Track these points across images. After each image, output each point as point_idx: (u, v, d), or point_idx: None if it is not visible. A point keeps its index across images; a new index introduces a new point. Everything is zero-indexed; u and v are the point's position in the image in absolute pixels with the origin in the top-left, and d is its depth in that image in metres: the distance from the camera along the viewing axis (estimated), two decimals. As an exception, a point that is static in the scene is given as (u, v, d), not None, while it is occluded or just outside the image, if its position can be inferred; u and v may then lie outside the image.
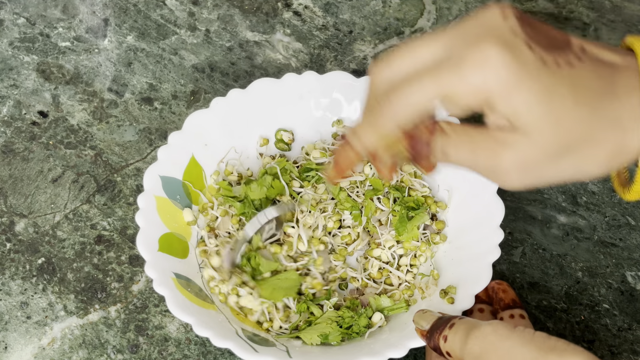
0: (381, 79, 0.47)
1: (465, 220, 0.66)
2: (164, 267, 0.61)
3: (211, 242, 0.66)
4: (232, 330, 0.59)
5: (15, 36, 0.80)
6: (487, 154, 0.45)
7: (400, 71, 0.46)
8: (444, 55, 0.44)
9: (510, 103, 0.43)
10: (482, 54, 0.43)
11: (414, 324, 0.56)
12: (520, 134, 0.44)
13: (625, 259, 0.69)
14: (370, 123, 0.47)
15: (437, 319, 0.55)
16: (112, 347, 0.64)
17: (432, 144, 0.46)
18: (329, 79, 0.71)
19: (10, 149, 0.74)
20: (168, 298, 0.58)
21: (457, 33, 0.45)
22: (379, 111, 0.46)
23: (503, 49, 0.42)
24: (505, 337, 0.50)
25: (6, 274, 0.67)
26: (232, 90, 0.69)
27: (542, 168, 0.45)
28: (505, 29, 0.44)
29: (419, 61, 0.45)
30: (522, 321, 0.60)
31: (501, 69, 0.42)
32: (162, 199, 0.65)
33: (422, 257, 0.66)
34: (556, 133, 0.43)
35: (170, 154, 0.66)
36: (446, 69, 0.44)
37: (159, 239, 0.63)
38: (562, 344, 0.48)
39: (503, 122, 0.44)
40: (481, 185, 0.65)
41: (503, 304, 0.61)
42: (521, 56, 0.43)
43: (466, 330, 0.52)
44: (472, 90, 0.43)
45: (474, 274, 0.61)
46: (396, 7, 0.84)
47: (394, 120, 0.45)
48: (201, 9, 0.83)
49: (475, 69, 0.43)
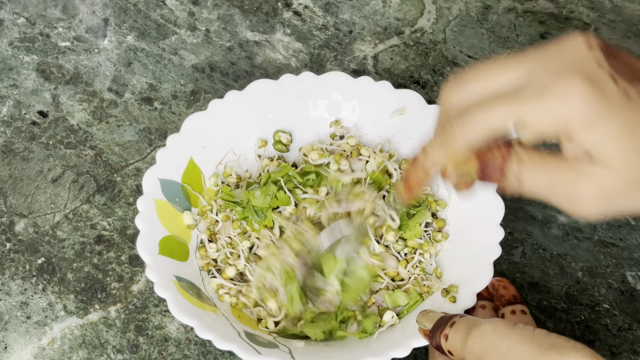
0: (455, 99, 0.47)
1: (466, 219, 0.66)
2: (165, 270, 0.61)
3: (212, 246, 0.65)
4: (234, 332, 0.59)
5: (15, 36, 0.80)
6: (565, 183, 0.45)
7: (476, 93, 0.46)
8: (525, 81, 0.45)
9: (591, 135, 0.43)
10: (568, 86, 0.43)
11: (417, 324, 0.56)
12: (600, 166, 0.44)
13: (625, 259, 0.69)
14: (441, 142, 0.47)
15: (439, 318, 0.55)
16: (112, 347, 0.64)
17: (505, 170, 0.46)
18: (326, 79, 0.71)
19: (10, 149, 0.74)
20: (170, 301, 0.58)
21: (539, 60, 0.45)
22: (451, 131, 0.46)
23: (588, 82, 0.43)
24: (505, 336, 0.50)
25: (6, 274, 0.67)
26: (229, 92, 0.69)
27: (621, 199, 0.45)
28: (591, 60, 0.44)
29: (496, 85, 0.46)
30: (524, 317, 0.60)
31: (586, 102, 0.43)
32: (161, 202, 0.65)
33: (426, 255, 0.66)
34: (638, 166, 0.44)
35: (169, 157, 0.66)
36: (528, 96, 0.44)
37: (159, 242, 0.63)
38: (562, 341, 0.48)
39: (581, 153, 0.44)
40: None
41: (504, 300, 0.61)
42: (606, 90, 0.43)
43: (466, 328, 0.52)
44: (552, 119, 0.43)
45: (475, 272, 0.61)
46: (396, 7, 0.84)
47: (465, 140, 0.45)
48: (201, 9, 0.83)
49: (559, 100, 0.43)
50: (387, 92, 0.70)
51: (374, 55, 0.81)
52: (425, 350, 0.62)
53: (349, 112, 0.71)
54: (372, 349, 0.59)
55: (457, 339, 0.52)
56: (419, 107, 0.69)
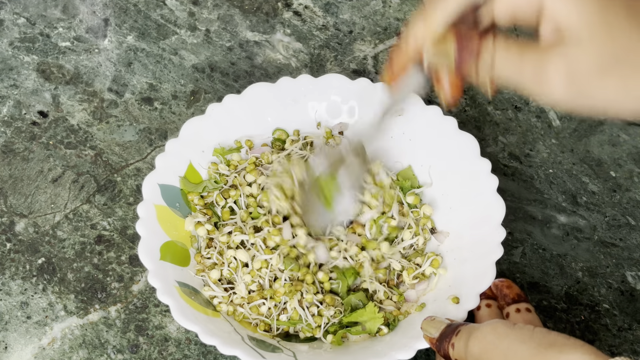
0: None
1: (467, 219, 0.66)
2: (167, 276, 0.61)
3: (210, 252, 0.65)
4: (238, 337, 0.59)
5: (16, 36, 0.81)
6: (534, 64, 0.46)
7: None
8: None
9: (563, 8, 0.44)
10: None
11: (422, 331, 0.56)
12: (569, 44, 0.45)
13: (625, 259, 0.69)
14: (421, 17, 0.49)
15: (445, 326, 0.55)
16: (112, 347, 0.64)
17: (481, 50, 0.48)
18: (324, 81, 0.71)
19: (10, 149, 0.74)
20: (173, 307, 0.58)
21: None
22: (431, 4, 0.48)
23: None
24: (504, 336, 0.50)
25: (6, 274, 0.67)
26: (227, 95, 0.70)
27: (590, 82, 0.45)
28: None
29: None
30: (529, 314, 0.60)
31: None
32: (161, 207, 0.65)
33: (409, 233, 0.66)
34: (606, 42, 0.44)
35: (168, 162, 0.66)
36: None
37: (160, 247, 0.62)
38: (562, 339, 0.48)
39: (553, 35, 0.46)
40: (481, 184, 0.65)
41: (508, 299, 0.61)
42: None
43: (468, 333, 0.52)
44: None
45: (477, 272, 0.61)
46: (396, 7, 0.84)
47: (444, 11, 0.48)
48: (201, 9, 0.83)
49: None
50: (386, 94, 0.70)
51: (374, 56, 0.81)
52: (425, 351, 0.62)
53: (347, 114, 0.71)
54: (374, 351, 0.59)
55: (462, 346, 0.52)
56: (418, 108, 0.69)
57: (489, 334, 0.50)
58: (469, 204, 0.66)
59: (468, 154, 0.67)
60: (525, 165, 0.74)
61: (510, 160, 0.74)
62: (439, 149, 0.68)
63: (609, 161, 0.74)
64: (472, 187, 0.66)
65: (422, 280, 0.65)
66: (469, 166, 0.67)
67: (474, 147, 0.67)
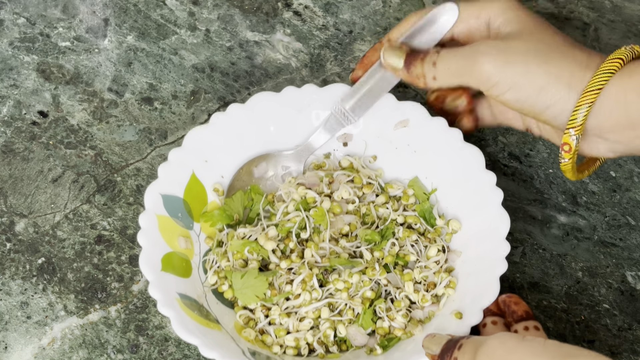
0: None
1: (471, 233, 0.65)
2: (168, 288, 0.60)
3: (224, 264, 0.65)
4: (238, 350, 0.59)
5: (15, 36, 0.81)
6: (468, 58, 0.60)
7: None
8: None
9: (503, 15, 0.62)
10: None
11: (424, 349, 0.55)
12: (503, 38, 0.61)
13: (625, 259, 0.69)
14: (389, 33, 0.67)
15: (446, 341, 0.54)
16: (112, 347, 0.64)
17: (425, 58, 0.63)
18: (329, 91, 0.70)
19: (10, 149, 0.74)
20: (173, 320, 0.57)
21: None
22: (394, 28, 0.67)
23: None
24: (514, 349, 0.48)
25: (6, 274, 0.67)
26: (231, 105, 0.69)
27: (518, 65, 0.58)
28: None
29: None
30: (537, 333, 0.58)
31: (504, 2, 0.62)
32: (163, 217, 0.64)
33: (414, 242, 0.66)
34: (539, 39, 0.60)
35: (171, 172, 0.66)
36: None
37: (161, 258, 0.62)
38: (575, 350, 0.46)
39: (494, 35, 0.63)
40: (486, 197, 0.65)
41: (516, 316, 0.59)
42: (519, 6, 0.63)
43: (474, 348, 0.50)
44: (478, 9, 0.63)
45: (481, 287, 0.60)
46: (396, 7, 0.84)
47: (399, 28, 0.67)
48: (201, 9, 0.83)
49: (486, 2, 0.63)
50: (390, 105, 0.70)
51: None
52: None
53: (352, 125, 0.71)
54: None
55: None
56: (422, 120, 0.69)
57: (498, 347, 0.49)
58: (474, 217, 0.65)
59: (473, 166, 0.66)
60: (525, 165, 0.74)
61: (510, 160, 0.74)
62: (444, 161, 0.68)
63: (609, 161, 0.74)
64: (477, 200, 0.65)
65: (434, 303, 0.63)
66: (474, 179, 0.66)
67: (479, 159, 0.66)
